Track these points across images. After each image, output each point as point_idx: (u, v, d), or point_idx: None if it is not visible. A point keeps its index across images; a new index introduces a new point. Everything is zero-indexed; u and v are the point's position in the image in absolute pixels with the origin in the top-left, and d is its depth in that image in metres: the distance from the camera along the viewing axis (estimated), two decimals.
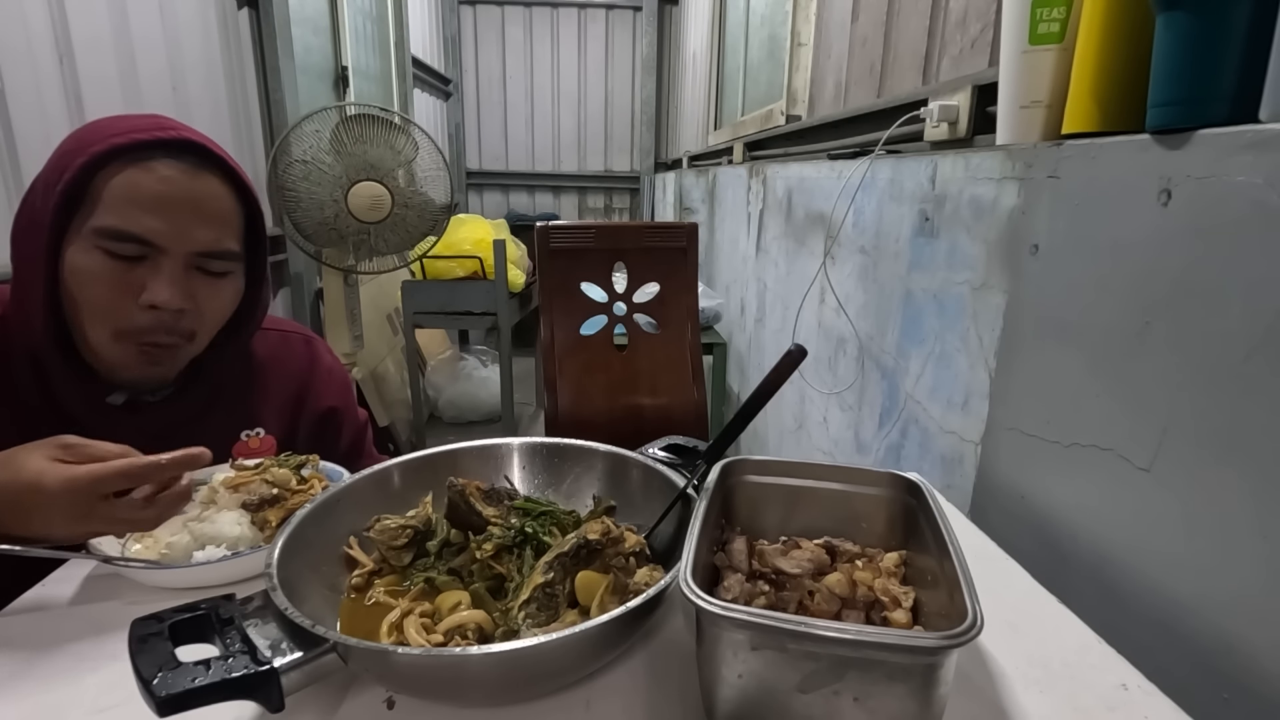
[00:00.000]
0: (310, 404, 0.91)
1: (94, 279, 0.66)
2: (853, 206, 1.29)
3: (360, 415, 0.98)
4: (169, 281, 0.67)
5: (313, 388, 0.91)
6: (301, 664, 0.40)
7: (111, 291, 0.66)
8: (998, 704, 0.47)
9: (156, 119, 0.70)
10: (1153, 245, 0.59)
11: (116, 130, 0.66)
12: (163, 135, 0.67)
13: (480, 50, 5.02)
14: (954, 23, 1.10)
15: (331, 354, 0.97)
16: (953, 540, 0.46)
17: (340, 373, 0.97)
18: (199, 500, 0.67)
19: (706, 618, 0.39)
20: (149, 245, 0.66)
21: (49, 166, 0.67)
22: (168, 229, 0.66)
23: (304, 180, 1.74)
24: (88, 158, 0.64)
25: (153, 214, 0.66)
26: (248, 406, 0.85)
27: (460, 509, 0.58)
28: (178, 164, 0.68)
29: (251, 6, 2.12)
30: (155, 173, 0.66)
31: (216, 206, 0.70)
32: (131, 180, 0.65)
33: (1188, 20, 0.54)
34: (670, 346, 1.29)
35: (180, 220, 0.67)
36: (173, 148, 0.68)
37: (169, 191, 0.67)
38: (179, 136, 0.69)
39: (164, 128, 0.69)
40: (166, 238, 0.67)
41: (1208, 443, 0.53)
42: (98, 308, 0.67)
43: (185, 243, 0.68)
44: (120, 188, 0.65)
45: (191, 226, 0.68)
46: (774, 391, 0.55)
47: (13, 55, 1.30)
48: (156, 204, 0.66)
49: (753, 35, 2.69)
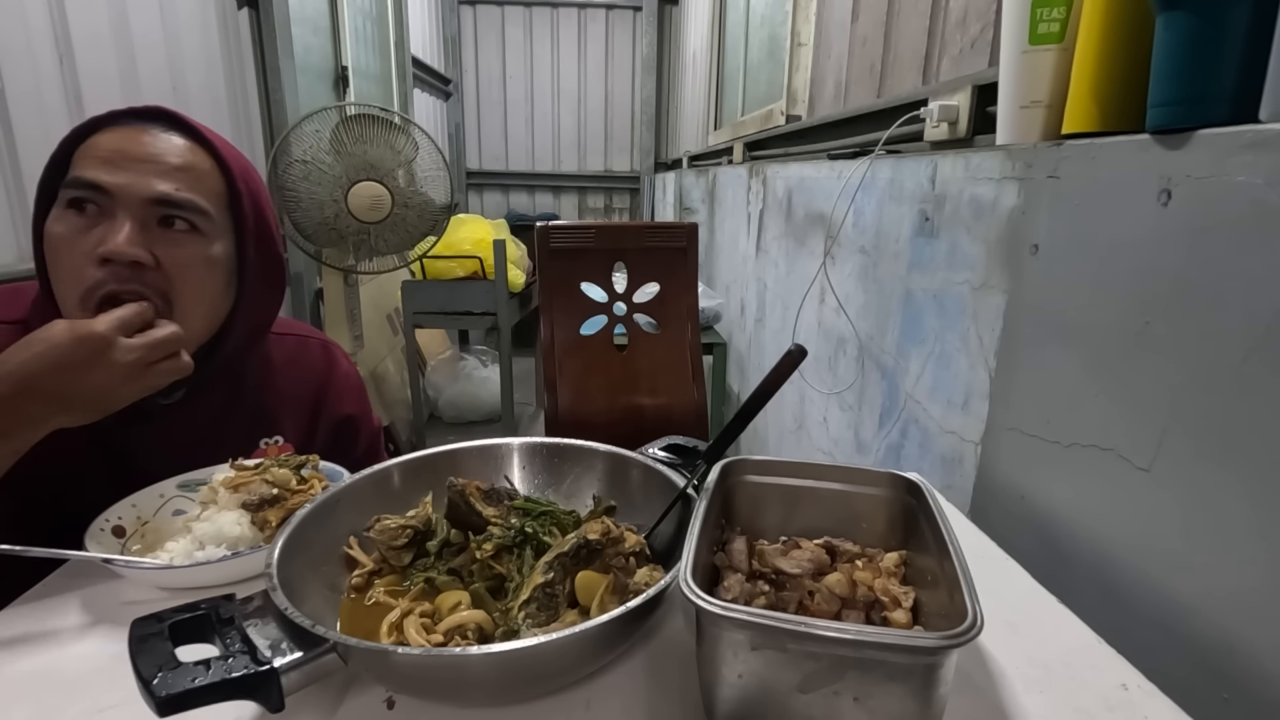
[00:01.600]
0: (329, 411, 0.91)
1: (61, 243, 0.66)
2: (853, 206, 1.29)
3: (375, 421, 0.98)
4: (120, 231, 0.65)
5: (331, 394, 0.91)
6: (301, 664, 0.40)
7: (76, 252, 0.65)
8: (998, 704, 0.47)
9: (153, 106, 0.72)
10: (1152, 245, 0.59)
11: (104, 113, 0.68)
12: (138, 107, 0.69)
13: (480, 50, 5.02)
14: (954, 23, 1.10)
15: (348, 359, 0.97)
16: (953, 540, 0.46)
17: (356, 379, 0.97)
18: (199, 500, 0.67)
19: (706, 618, 0.39)
20: (102, 192, 0.65)
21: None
22: (120, 179, 0.66)
23: (304, 180, 1.74)
24: (71, 133, 0.67)
25: (109, 165, 0.66)
26: (266, 412, 0.84)
27: (460, 509, 0.58)
28: (144, 127, 0.69)
29: (251, 6, 2.11)
30: (119, 133, 0.68)
31: (179, 161, 0.69)
32: (97, 141, 0.67)
33: (1188, 20, 0.54)
34: (670, 346, 1.29)
35: (135, 171, 0.66)
36: (145, 115, 0.69)
37: (128, 146, 0.67)
38: (153, 106, 0.70)
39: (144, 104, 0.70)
40: (119, 187, 0.65)
41: (1207, 443, 0.53)
42: (64, 273, 0.66)
43: (139, 190, 0.66)
44: (88, 149, 0.67)
45: (147, 176, 0.67)
46: (774, 391, 0.55)
47: (13, 54, 1.30)
48: (113, 155, 0.66)
49: (753, 35, 2.69)
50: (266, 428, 0.83)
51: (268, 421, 0.84)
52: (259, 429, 0.83)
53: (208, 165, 0.72)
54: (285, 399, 0.86)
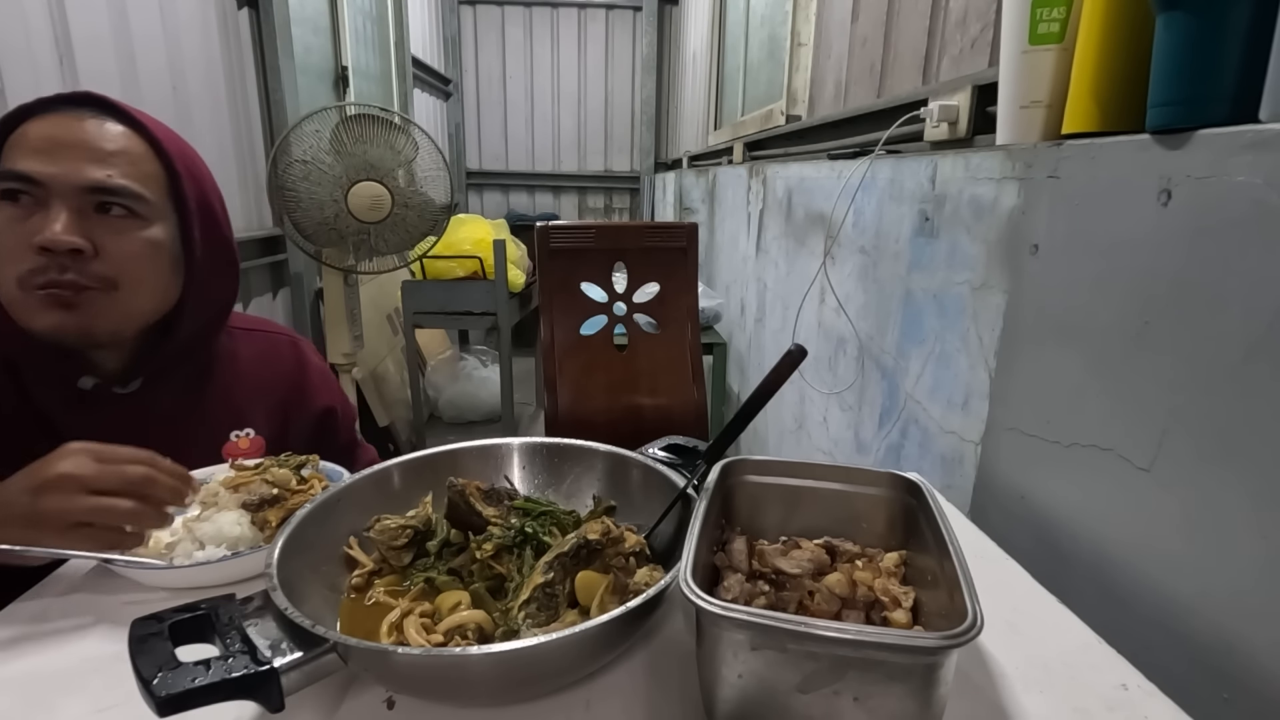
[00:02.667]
0: (306, 406, 0.91)
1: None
2: (853, 206, 1.29)
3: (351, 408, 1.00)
4: (56, 220, 0.65)
5: (306, 389, 0.92)
6: (301, 664, 0.40)
7: (11, 240, 0.65)
8: (998, 704, 0.47)
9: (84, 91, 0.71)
10: (1152, 245, 0.59)
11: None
12: (68, 93, 0.68)
13: (480, 50, 5.01)
14: (954, 23, 1.10)
15: (317, 354, 0.98)
16: (953, 540, 0.46)
17: (327, 371, 0.98)
18: (199, 500, 0.67)
19: (706, 618, 0.39)
20: (34, 184, 0.65)
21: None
22: (52, 168, 0.66)
23: (304, 180, 1.74)
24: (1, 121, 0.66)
25: (41, 154, 0.66)
26: (235, 407, 0.84)
27: (460, 509, 0.58)
28: (76, 113, 0.68)
29: (251, 6, 2.11)
30: (49, 120, 0.67)
31: (112, 146, 0.69)
32: (28, 130, 0.67)
33: (1188, 20, 0.54)
34: (670, 346, 1.29)
35: (68, 159, 0.66)
36: (76, 100, 0.69)
37: (58, 133, 0.67)
38: (83, 92, 0.69)
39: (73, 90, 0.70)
40: (52, 177, 0.65)
41: (1207, 443, 0.53)
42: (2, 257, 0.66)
43: (72, 179, 0.66)
44: (19, 138, 0.66)
45: (79, 165, 0.66)
46: (774, 391, 0.55)
47: (13, 54, 1.30)
48: (45, 144, 0.66)
49: (753, 35, 2.69)
50: (236, 422, 0.83)
51: (237, 416, 0.84)
52: (227, 423, 0.83)
53: (142, 149, 0.71)
54: (255, 394, 0.86)
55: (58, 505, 0.55)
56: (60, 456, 0.56)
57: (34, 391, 0.71)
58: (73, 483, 0.55)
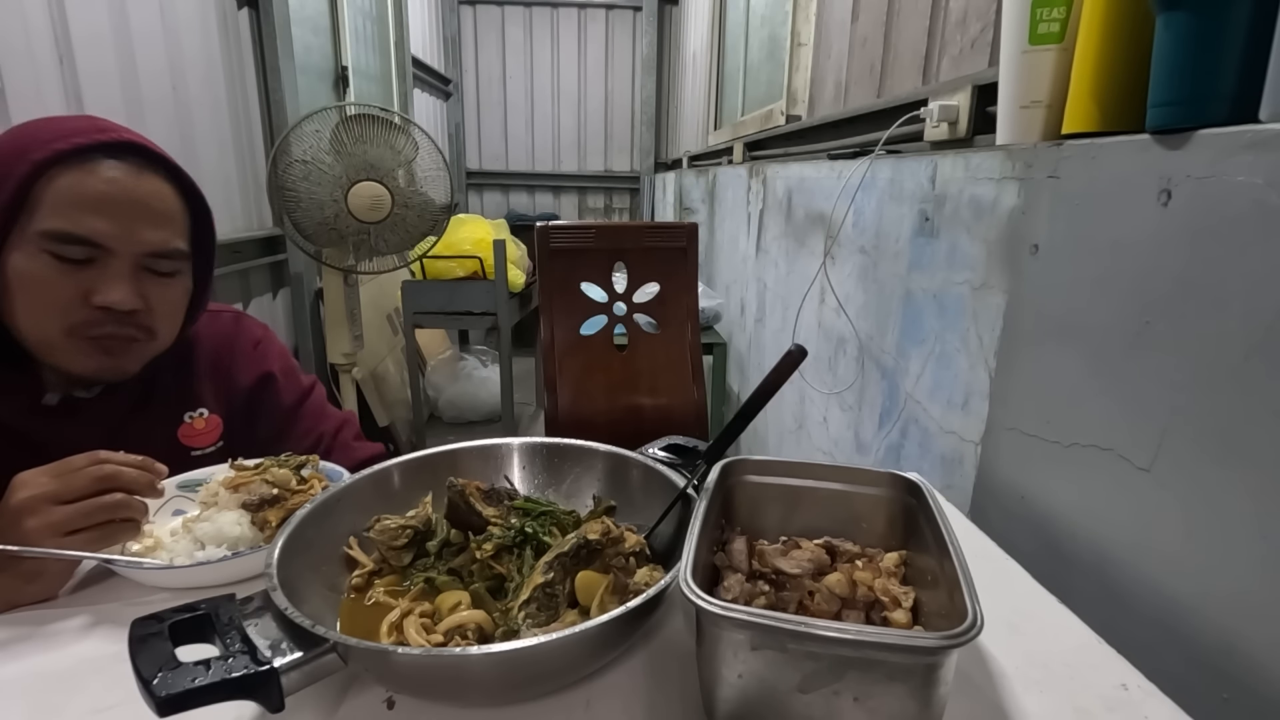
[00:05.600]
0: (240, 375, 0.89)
1: (41, 282, 0.65)
2: (853, 206, 1.29)
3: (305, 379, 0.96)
4: (119, 283, 0.67)
5: (239, 359, 0.89)
6: (301, 664, 0.40)
7: (61, 294, 0.66)
8: (998, 704, 0.47)
9: (93, 120, 0.70)
10: (1152, 245, 0.59)
11: (55, 134, 0.66)
12: (103, 138, 0.67)
13: (480, 50, 5.01)
14: (954, 23, 1.10)
15: (262, 327, 0.95)
16: (953, 540, 0.46)
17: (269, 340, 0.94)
18: (199, 500, 0.67)
19: (706, 618, 0.39)
20: (97, 247, 0.66)
21: None
22: (115, 231, 0.67)
23: (304, 180, 1.74)
24: (30, 166, 0.63)
25: (99, 216, 0.66)
26: (186, 389, 0.84)
27: (460, 509, 0.58)
28: (121, 165, 0.68)
29: (251, 6, 2.11)
30: (99, 175, 0.66)
31: (162, 206, 0.71)
32: (76, 183, 0.65)
33: (1188, 20, 0.54)
34: (670, 346, 1.29)
35: (127, 221, 0.67)
36: (114, 149, 0.68)
37: (114, 193, 0.67)
38: (120, 139, 0.69)
39: (103, 129, 0.69)
40: (114, 240, 0.67)
41: (1207, 443, 0.53)
42: (47, 309, 0.67)
43: (133, 244, 0.68)
44: (65, 191, 0.65)
45: (139, 228, 0.68)
46: (774, 391, 0.55)
47: (13, 54, 1.30)
48: (102, 206, 0.66)
49: (753, 35, 2.69)
50: (190, 403, 0.83)
51: (190, 397, 0.84)
52: (181, 405, 0.82)
53: (179, 202, 0.73)
54: (201, 372, 0.86)
55: (40, 523, 0.55)
56: (17, 488, 0.56)
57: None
58: (41, 501, 0.55)
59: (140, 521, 0.61)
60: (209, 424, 0.83)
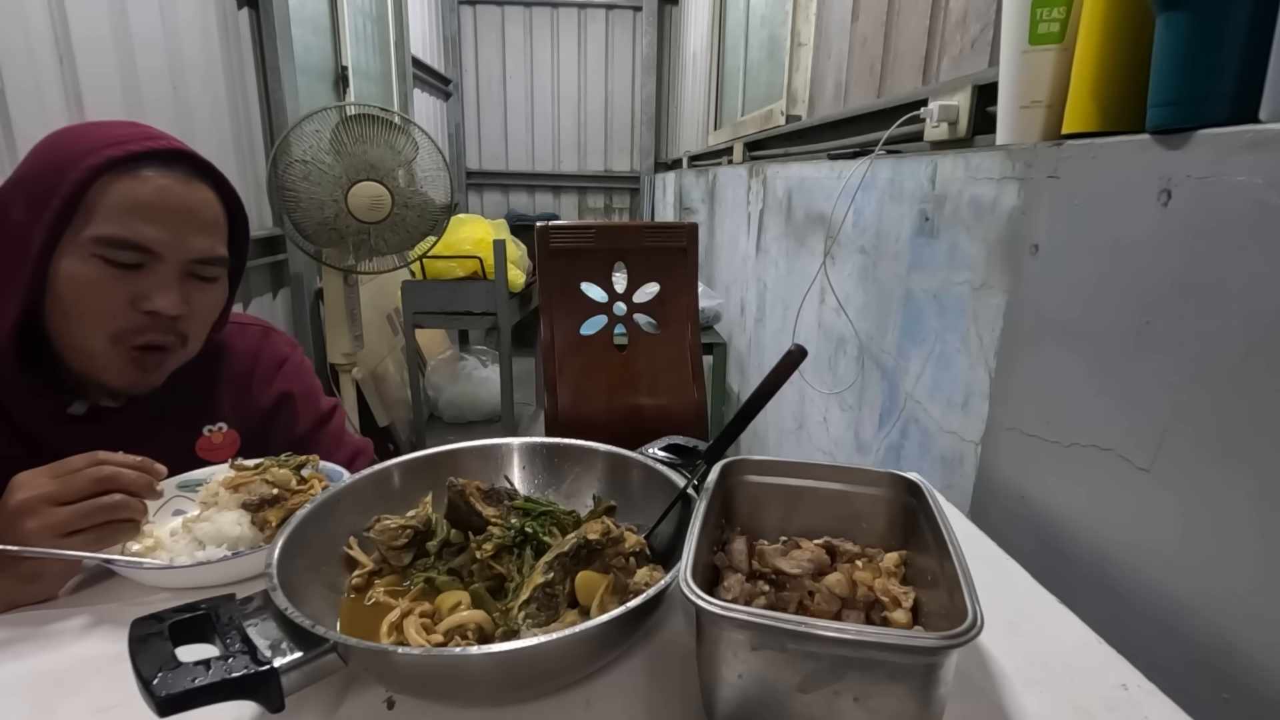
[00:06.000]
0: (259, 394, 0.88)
1: (91, 286, 0.66)
2: (853, 206, 1.29)
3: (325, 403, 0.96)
4: (167, 289, 0.68)
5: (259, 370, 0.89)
6: (301, 664, 0.40)
7: (110, 298, 0.67)
8: (998, 704, 0.47)
9: (139, 127, 0.71)
10: (1153, 245, 0.59)
11: (107, 140, 0.67)
12: (154, 145, 0.69)
13: (480, 50, 5.01)
14: (954, 23, 1.10)
15: (290, 344, 0.95)
16: (953, 540, 0.46)
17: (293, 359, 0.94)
18: (199, 500, 0.67)
19: (706, 618, 0.39)
20: (148, 253, 0.67)
21: (30, 175, 0.67)
22: (165, 237, 0.68)
23: (304, 180, 1.74)
24: (83, 171, 0.64)
25: (151, 222, 0.67)
26: (207, 402, 0.83)
27: (460, 509, 0.58)
28: (170, 173, 0.69)
29: (251, 6, 2.11)
30: (150, 182, 0.67)
31: (208, 214, 0.72)
32: (128, 190, 0.66)
33: (1188, 20, 0.54)
34: (670, 346, 1.29)
35: (176, 228, 0.68)
36: (164, 158, 0.69)
37: (165, 201, 0.68)
38: (170, 146, 0.70)
39: (152, 137, 0.70)
40: (164, 245, 0.68)
41: (1207, 443, 0.53)
42: (95, 314, 0.67)
43: (182, 250, 0.69)
44: (118, 197, 0.66)
45: (187, 235, 0.69)
46: (774, 391, 0.55)
47: (13, 54, 1.30)
48: (153, 213, 0.67)
49: (753, 35, 2.69)
50: (209, 415, 0.83)
51: (210, 410, 0.83)
52: (201, 417, 0.82)
53: (221, 210, 0.75)
54: (222, 386, 0.86)
55: (38, 525, 0.55)
56: (15, 489, 0.56)
57: (15, 410, 0.70)
58: (40, 502, 0.55)
59: (140, 522, 0.61)
60: (226, 439, 0.83)
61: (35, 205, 0.64)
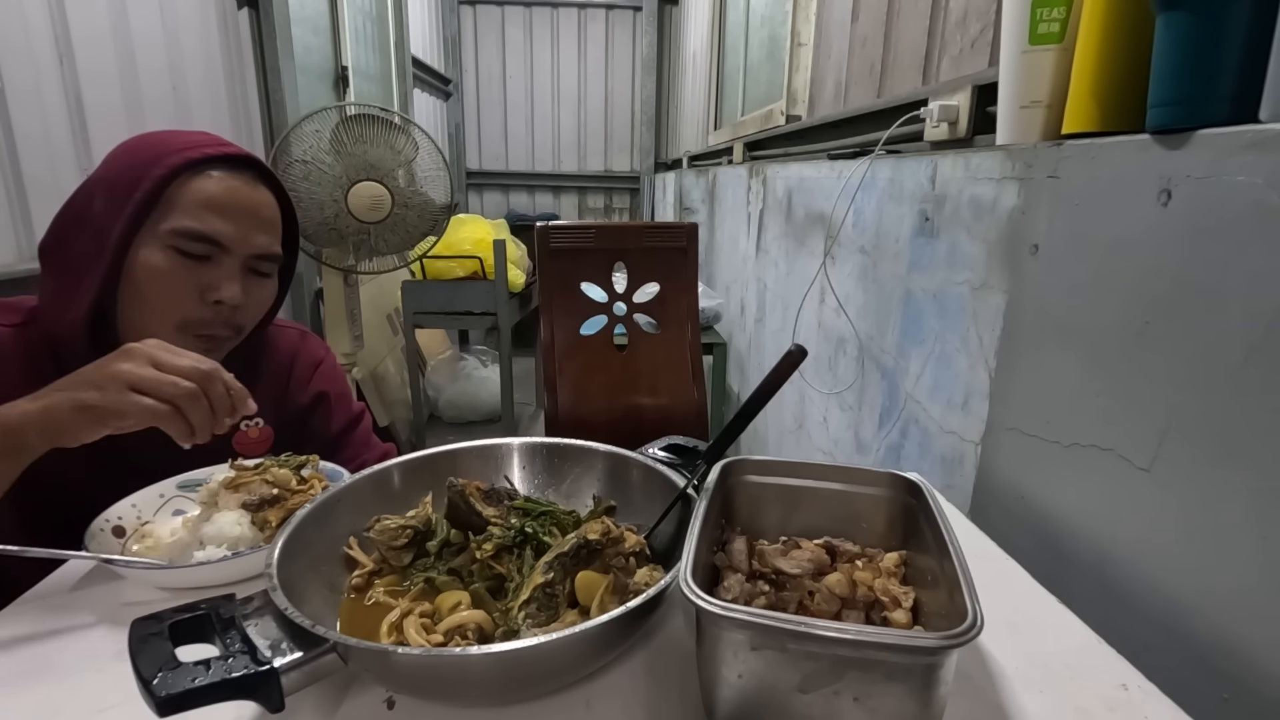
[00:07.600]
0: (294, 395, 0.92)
1: (165, 276, 0.72)
2: (853, 206, 1.29)
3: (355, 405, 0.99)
4: (231, 280, 0.75)
5: (297, 371, 0.93)
6: (301, 664, 0.40)
7: (181, 287, 0.73)
8: (998, 704, 0.47)
9: (209, 135, 0.78)
10: (1152, 245, 0.59)
11: (183, 144, 0.73)
12: (226, 150, 0.76)
13: (480, 50, 5.02)
14: (954, 23, 1.10)
15: (325, 348, 0.99)
16: (953, 540, 0.46)
17: (330, 363, 0.98)
18: (199, 500, 0.67)
19: (706, 618, 0.39)
20: (217, 246, 0.73)
21: (113, 173, 0.72)
22: (233, 232, 0.74)
23: (304, 180, 1.74)
24: (165, 169, 0.71)
25: (222, 218, 0.73)
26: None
27: (460, 509, 0.58)
28: (239, 176, 0.76)
29: (251, 6, 2.11)
30: (222, 183, 0.74)
31: (269, 214, 0.79)
32: (203, 188, 0.73)
33: (1188, 20, 0.54)
34: (670, 346, 1.29)
35: (243, 225, 0.75)
36: (234, 162, 0.76)
37: (234, 199, 0.75)
38: (239, 153, 0.77)
39: (222, 144, 0.77)
40: (231, 240, 0.74)
41: (1207, 443, 0.53)
42: (167, 301, 0.73)
43: (246, 245, 0.76)
44: (193, 195, 0.72)
45: (251, 231, 0.76)
46: (774, 391, 0.55)
47: (13, 54, 1.30)
48: (225, 209, 0.74)
49: (753, 35, 2.69)
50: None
51: None
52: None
53: (278, 211, 0.81)
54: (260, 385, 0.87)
55: (126, 368, 0.58)
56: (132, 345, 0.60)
57: None
58: (141, 355, 0.59)
59: (193, 432, 0.60)
60: (262, 434, 0.85)
61: (117, 199, 0.70)
